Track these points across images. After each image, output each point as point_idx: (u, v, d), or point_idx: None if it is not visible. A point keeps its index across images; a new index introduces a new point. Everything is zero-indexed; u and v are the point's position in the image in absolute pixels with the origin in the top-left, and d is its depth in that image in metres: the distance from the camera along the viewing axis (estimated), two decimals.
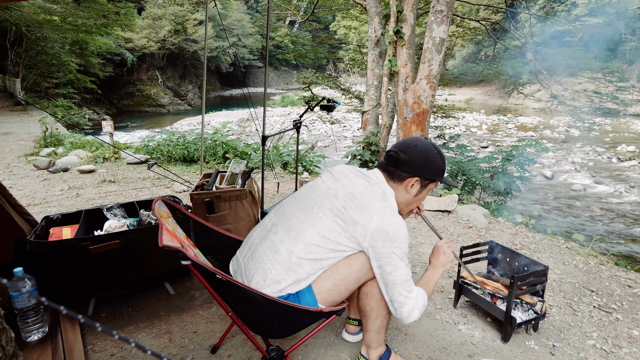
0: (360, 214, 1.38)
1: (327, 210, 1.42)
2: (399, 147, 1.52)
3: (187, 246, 1.56)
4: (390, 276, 1.39)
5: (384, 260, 1.38)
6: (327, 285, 1.43)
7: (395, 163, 1.50)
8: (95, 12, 16.82)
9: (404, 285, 1.40)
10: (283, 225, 1.49)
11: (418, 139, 1.54)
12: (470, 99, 27.67)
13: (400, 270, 1.39)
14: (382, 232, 1.36)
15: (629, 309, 2.31)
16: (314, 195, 1.50)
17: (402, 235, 1.38)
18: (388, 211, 1.41)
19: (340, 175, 1.54)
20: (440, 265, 1.60)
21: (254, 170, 3.26)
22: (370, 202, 1.40)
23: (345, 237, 1.40)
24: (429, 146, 1.51)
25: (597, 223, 6.94)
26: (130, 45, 26.23)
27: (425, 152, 1.50)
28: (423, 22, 10.75)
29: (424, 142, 1.52)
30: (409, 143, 1.52)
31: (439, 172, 1.52)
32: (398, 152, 1.50)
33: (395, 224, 1.38)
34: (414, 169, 1.49)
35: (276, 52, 31.86)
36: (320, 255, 1.41)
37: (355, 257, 1.43)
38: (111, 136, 6.78)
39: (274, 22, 16.63)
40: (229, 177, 2.66)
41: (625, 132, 16.08)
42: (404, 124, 6.08)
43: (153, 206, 1.52)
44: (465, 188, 5.35)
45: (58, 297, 2.02)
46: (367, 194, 1.43)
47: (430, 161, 1.50)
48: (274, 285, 1.40)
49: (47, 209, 3.93)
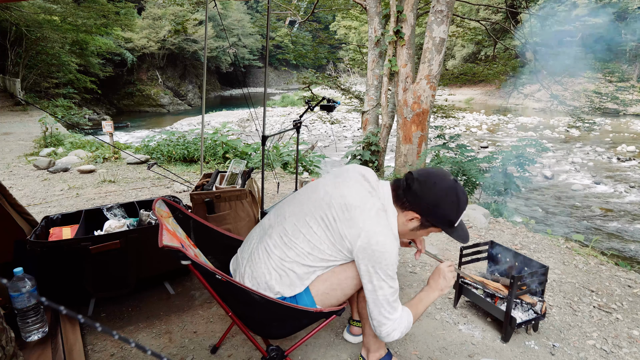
0: (348, 228, 1.32)
1: (320, 220, 1.37)
2: (418, 175, 1.37)
3: (188, 246, 1.56)
4: (372, 294, 1.34)
5: (366, 278, 1.33)
6: (323, 289, 1.42)
7: (405, 189, 1.37)
8: (95, 12, 16.85)
9: (385, 305, 1.34)
10: (278, 228, 1.46)
11: (443, 178, 1.35)
12: (470, 99, 27.67)
13: (382, 291, 1.33)
14: (369, 250, 1.29)
15: (629, 309, 2.31)
16: (310, 200, 1.45)
17: (389, 257, 1.30)
18: (378, 229, 1.31)
19: (343, 180, 1.45)
20: (437, 289, 1.51)
21: (254, 170, 3.26)
22: (361, 217, 1.32)
23: (334, 250, 1.36)
24: (449, 191, 1.34)
25: (597, 223, 6.94)
26: (130, 45, 26.27)
27: (440, 196, 1.34)
28: (423, 22, 10.75)
29: (446, 185, 1.34)
30: (430, 176, 1.36)
31: (446, 223, 1.38)
32: (413, 180, 1.36)
33: (383, 244, 1.29)
34: (418, 206, 1.36)
35: (276, 52, 31.89)
36: (312, 263, 1.38)
37: (351, 264, 1.40)
38: (111, 136, 6.79)
39: (274, 22, 16.65)
40: (229, 177, 2.66)
41: (625, 132, 16.08)
42: (404, 124, 6.08)
43: (153, 206, 1.52)
44: (465, 188, 5.35)
45: (58, 297, 2.02)
46: (361, 207, 1.34)
47: (440, 207, 1.35)
48: (268, 290, 1.41)
49: (47, 209, 3.93)
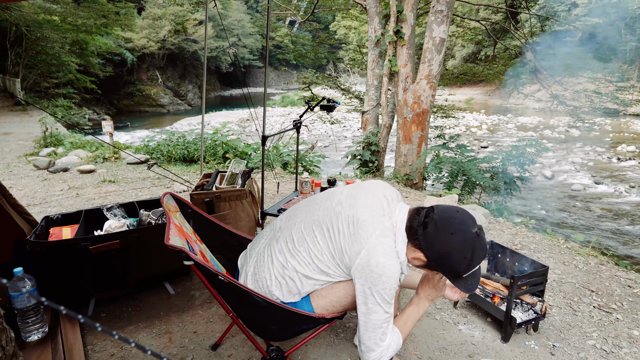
0: (350, 244, 1.27)
1: (325, 230, 1.34)
2: (439, 216, 1.23)
3: (194, 242, 1.56)
4: (364, 317, 1.28)
5: (361, 299, 1.27)
6: (323, 304, 1.42)
7: (421, 226, 1.25)
8: (95, 12, 16.87)
9: (377, 331, 1.27)
10: (286, 233, 1.44)
11: (464, 229, 1.20)
12: (470, 99, 27.67)
13: (376, 315, 1.26)
14: (367, 270, 1.24)
15: (629, 309, 2.31)
16: (322, 208, 1.41)
17: (388, 281, 1.23)
18: (380, 250, 1.24)
19: (360, 192, 1.39)
20: (427, 299, 1.41)
21: (254, 170, 3.26)
22: (365, 234, 1.26)
23: (333, 263, 1.33)
24: (466, 245, 1.19)
25: (597, 223, 6.94)
26: (130, 45, 26.26)
27: (454, 249, 1.20)
28: (423, 22, 10.75)
29: (464, 238, 1.20)
30: (450, 223, 1.21)
31: (452, 273, 1.25)
32: (431, 220, 1.23)
33: (383, 266, 1.23)
34: (427, 250, 1.25)
35: (276, 52, 31.90)
36: (311, 274, 1.37)
37: (352, 282, 1.34)
38: (111, 136, 6.79)
39: (274, 22, 16.65)
40: (229, 177, 2.66)
41: (625, 132, 16.09)
42: (404, 123, 6.08)
43: (162, 199, 1.53)
44: (466, 188, 5.35)
45: (58, 297, 2.01)
46: (368, 223, 1.27)
47: (450, 260, 1.22)
48: (269, 295, 1.41)
49: (47, 209, 3.93)
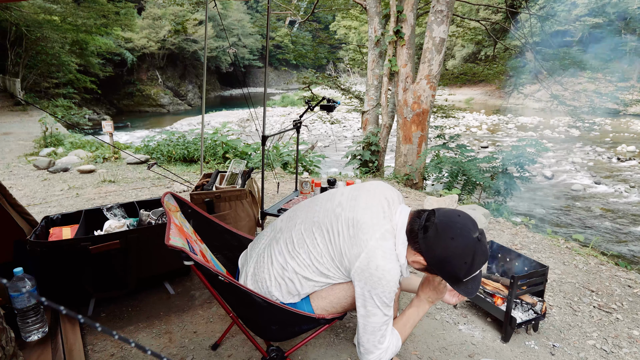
0: (350, 246, 1.27)
1: (325, 231, 1.34)
2: (440, 220, 1.22)
3: (194, 241, 1.56)
4: (363, 319, 1.28)
5: (360, 301, 1.28)
6: (323, 305, 1.42)
7: (421, 229, 1.25)
8: (95, 12, 16.86)
9: (376, 333, 1.28)
10: (286, 234, 1.44)
11: (465, 234, 1.19)
12: (470, 99, 27.66)
13: (375, 318, 1.26)
14: (366, 273, 1.24)
15: (629, 309, 2.31)
16: (323, 209, 1.41)
17: (387, 284, 1.23)
18: (380, 253, 1.24)
19: (361, 194, 1.39)
20: (427, 301, 1.40)
21: (254, 170, 3.26)
22: (365, 237, 1.25)
23: (332, 266, 1.33)
24: (466, 251, 1.18)
25: (597, 223, 6.94)
26: (130, 45, 26.25)
27: (455, 253, 1.19)
28: (423, 22, 10.76)
29: (465, 243, 1.18)
30: (451, 228, 1.20)
31: (452, 278, 1.25)
32: (432, 224, 1.23)
33: (382, 269, 1.22)
34: (427, 254, 1.24)
35: (276, 52, 31.92)
36: (311, 276, 1.37)
37: (351, 284, 1.35)
38: (111, 136, 6.79)
39: (274, 22, 16.65)
40: (229, 177, 2.66)
41: (625, 132, 16.07)
42: (404, 123, 6.09)
43: (162, 199, 1.53)
44: (466, 188, 5.35)
45: (58, 297, 2.01)
46: (368, 225, 1.27)
47: (450, 264, 1.21)
48: (268, 295, 1.41)
49: (47, 209, 3.93)
